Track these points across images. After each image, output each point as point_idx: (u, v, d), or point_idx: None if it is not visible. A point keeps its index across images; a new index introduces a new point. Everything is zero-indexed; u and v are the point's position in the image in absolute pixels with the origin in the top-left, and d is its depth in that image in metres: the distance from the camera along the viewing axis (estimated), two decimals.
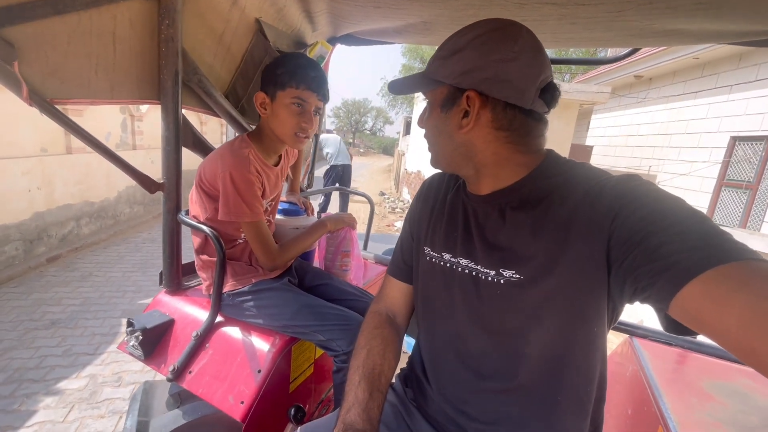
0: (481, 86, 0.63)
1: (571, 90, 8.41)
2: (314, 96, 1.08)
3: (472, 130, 0.66)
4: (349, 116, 52.28)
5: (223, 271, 1.07)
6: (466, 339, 0.72)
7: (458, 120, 0.66)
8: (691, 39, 1.13)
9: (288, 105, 1.06)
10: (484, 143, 0.66)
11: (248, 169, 1.04)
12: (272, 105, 1.08)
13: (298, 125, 1.08)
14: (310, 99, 1.08)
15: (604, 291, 0.58)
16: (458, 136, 0.67)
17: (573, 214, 0.59)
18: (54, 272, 4.61)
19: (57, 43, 0.84)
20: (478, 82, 0.63)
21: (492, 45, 0.62)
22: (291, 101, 1.06)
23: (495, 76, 0.61)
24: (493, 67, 0.61)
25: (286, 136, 1.10)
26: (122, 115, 6.43)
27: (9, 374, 2.81)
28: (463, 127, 0.66)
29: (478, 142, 0.67)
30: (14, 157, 4.51)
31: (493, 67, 0.61)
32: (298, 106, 1.07)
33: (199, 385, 1.03)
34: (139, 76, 1.04)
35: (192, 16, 1.09)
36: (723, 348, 0.44)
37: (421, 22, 1.22)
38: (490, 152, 0.67)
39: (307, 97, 1.07)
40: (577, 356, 0.64)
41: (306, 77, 1.05)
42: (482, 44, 0.62)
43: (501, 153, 0.67)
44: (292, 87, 1.05)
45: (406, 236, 0.87)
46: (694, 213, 0.50)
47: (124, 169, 1.10)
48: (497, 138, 0.66)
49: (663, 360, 1.20)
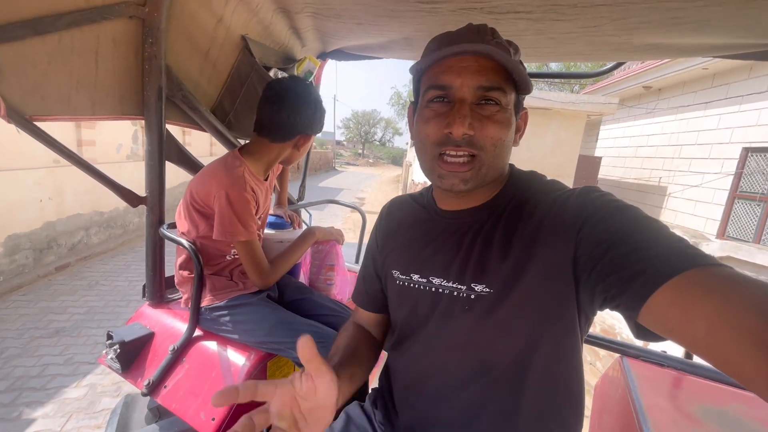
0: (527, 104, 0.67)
1: (578, 101, 8.37)
2: None
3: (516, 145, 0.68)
4: (359, 127, 52.83)
5: (200, 285, 1.07)
6: (434, 356, 0.70)
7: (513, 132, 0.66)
8: (672, 53, 1.11)
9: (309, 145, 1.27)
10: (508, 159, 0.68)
11: (244, 188, 1.06)
12: (305, 144, 1.24)
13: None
14: None
15: (573, 301, 0.58)
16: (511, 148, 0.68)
17: (540, 226, 0.60)
18: (62, 281, 4.70)
19: (37, 61, 0.86)
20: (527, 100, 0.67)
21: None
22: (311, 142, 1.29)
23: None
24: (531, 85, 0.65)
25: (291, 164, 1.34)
26: (133, 127, 6.60)
27: (11, 382, 2.85)
28: (516, 142, 0.67)
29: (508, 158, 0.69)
30: (27, 168, 4.66)
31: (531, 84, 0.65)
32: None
33: (173, 400, 1.02)
34: (122, 92, 1.06)
35: (177, 34, 1.11)
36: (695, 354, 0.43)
37: (402, 38, 1.23)
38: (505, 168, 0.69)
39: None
40: (545, 368, 0.63)
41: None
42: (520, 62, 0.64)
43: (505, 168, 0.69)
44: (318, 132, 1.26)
45: (368, 264, 0.86)
46: (653, 221, 0.52)
47: (105, 183, 1.12)
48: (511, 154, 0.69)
49: (653, 382, 1.15)
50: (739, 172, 5.92)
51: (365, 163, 40.13)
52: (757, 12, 0.77)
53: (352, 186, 17.78)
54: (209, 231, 1.07)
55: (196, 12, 1.11)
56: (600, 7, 0.86)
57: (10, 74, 0.83)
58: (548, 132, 8.68)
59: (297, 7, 1.19)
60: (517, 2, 0.92)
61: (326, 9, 1.16)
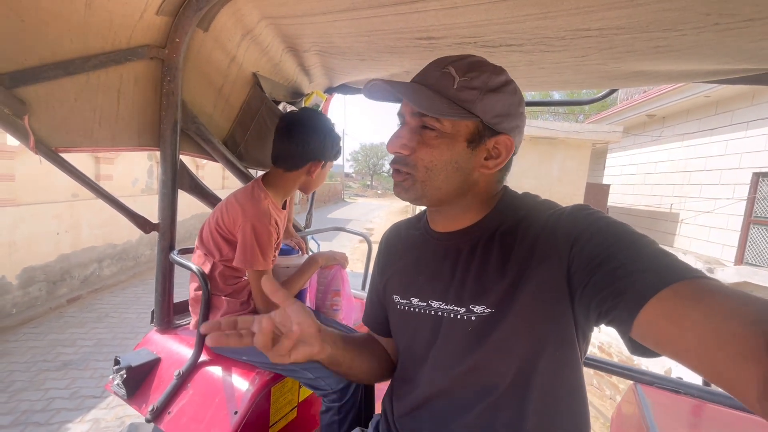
0: (512, 133, 0.65)
1: (582, 130, 8.50)
2: None
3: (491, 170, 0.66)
4: (367, 159, 53.86)
5: (207, 307, 1.09)
6: (434, 379, 0.70)
7: (481, 159, 0.65)
8: (662, 79, 1.16)
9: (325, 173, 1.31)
10: (488, 183, 0.69)
11: (270, 221, 1.10)
12: (321, 171, 1.27)
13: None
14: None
15: (570, 318, 0.59)
16: (474, 174, 0.66)
17: (535, 244, 0.61)
18: (72, 313, 4.74)
19: (65, 99, 0.94)
20: (510, 128, 0.65)
21: (520, 96, 0.67)
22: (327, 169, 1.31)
23: (518, 126, 0.66)
24: (520, 118, 0.67)
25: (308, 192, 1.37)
26: (149, 162, 6.86)
27: (16, 416, 2.82)
28: (488, 168, 0.65)
29: (484, 182, 0.68)
30: (47, 202, 4.83)
31: (520, 118, 0.67)
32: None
33: (176, 427, 1.01)
34: (140, 125, 1.14)
35: (193, 72, 1.20)
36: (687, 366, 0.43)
37: (404, 71, 1.31)
38: (487, 191, 0.69)
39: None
40: (544, 387, 0.62)
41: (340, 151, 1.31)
42: (515, 92, 0.65)
43: (492, 191, 0.70)
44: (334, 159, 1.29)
45: (373, 292, 0.88)
46: (642, 236, 0.53)
47: (121, 211, 1.17)
48: (499, 179, 0.70)
49: (668, 408, 1.11)
50: (752, 197, 5.83)
51: (373, 194, 40.54)
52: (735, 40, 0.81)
53: (360, 217, 17.90)
54: (231, 255, 1.11)
55: (211, 52, 1.20)
56: (586, 39, 0.92)
57: (40, 110, 0.90)
58: (554, 161, 8.76)
59: (305, 46, 1.28)
60: (508, 36, 0.98)
61: (332, 47, 1.25)
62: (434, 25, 0.97)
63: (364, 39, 1.12)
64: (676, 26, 0.79)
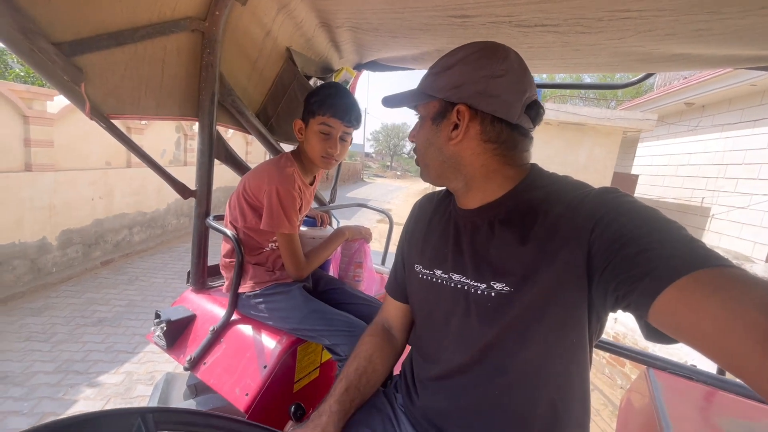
0: (470, 100, 0.66)
1: (613, 117, 8.17)
2: (340, 123, 1.16)
3: (462, 143, 0.69)
4: (388, 140, 53.40)
5: (240, 272, 1.16)
6: (452, 352, 0.73)
7: (448, 132, 0.70)
8: (701, 64, 1.12)
9: (316, 131, 1.16)
10: (472, 155, 0.70)
11: (293, 186, 1.14)
12: (306, 131, 1.19)
13: (324, 150, 1.18)
14: (336, 125, 1.16)
15: (585, 301, 0.59)
16: (447, 148, 0.71)
17: (556, 225, 0.61)
18: (106, 275, 5.03)
19: (116, 68, 1.00)
20: (468, 96, 0.66)
21: (482, 62, 0.66)
22: (319, 128, 1.16)
23: (484, 91, 0.65)
24: (483, 82, 0.65)
25: (316, 159, 1.20)
26: (177, 134, 7.05)
27: (58, 365, 3.08)
28: (453, 139, 0.69)
29: (467, 155, 0.70)
30: (83, 169, 5.07)
31: (482, 82, 0.65)
32: (325, 132, 1.16)
33: (211, 376, 1.11)
34: (181, 96, 1.19)
35: (230, 45, 1.24)
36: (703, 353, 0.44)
37: (435, 49, 1.31)
38: (478, 164, 0.70)
39: (332, 124, 1.15)
40: (557, 369, 0.64)
41: (332, 106, 1.14)
42: (473, 61, 0.67)
43: (489, 165, 0.70)
44: (320, 115, 1.15)
45: (399, 257, 0.91)
46: (670, 222, 0.52)
47: (163, 176, 1.25)
48: (485, 150, 0.69)
49: (680, 395, 1.13)
50: None
51: (393, 175, 40.37)
52: None
53: (379, 197, 17.95)
54: (255, 222, 1.17)
55: (248, 26, 1.23)
56: (625, 20, 0.90)
57: (94, 78, 0.96)
58: (582, 148, 8.49)
59: (338, 21, 1.30)
60: (544, 16, 0.97)
61: (365, 23, 1.26)
62: (469, 2, 0.97)
63: (398, 16, 1.12)
64: (720, 9, 0.77)
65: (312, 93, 1.19)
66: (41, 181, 4.46)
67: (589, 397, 0.69)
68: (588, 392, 0.69)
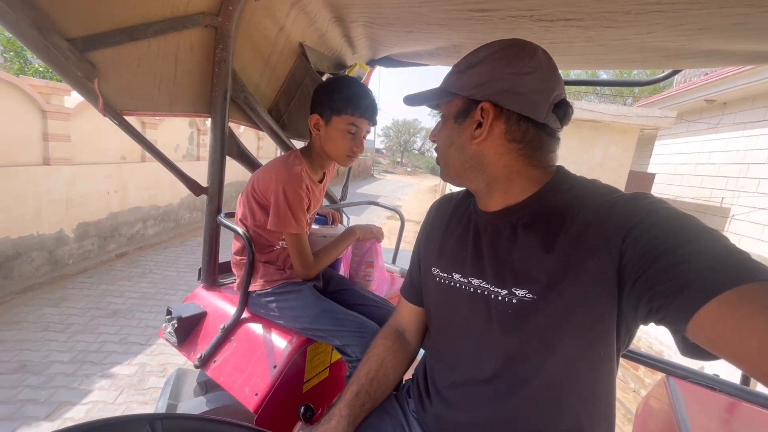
0: (495, 98, 0.64)
1: (630, 114, 7.98)
2: (366, 123, 1.17)
3: (485, 142, 0.66)
4: (399, 136, 53.22)
5: (251, 270, 1.16)
6: (470, 361, 0.71)
7: (471, 131, 0.67)
8: (734, 60, 1.06)
9: (343, 130, 1.14)
10: (496, 155, 0.67)
11: (300, 185, 1.13)
12: (326, 127, 1.15)
13: (350, 148, 1.17)
14: (363, 125, 1.16)
15: (614, 312, 0.56)
16: (470, 147, 0.68)
17: (585, 232, 0.58)
18: (120, 267, 5.13)
19: (129, 64, 1.00)
20: (492, 93, 0.64)
21: (508, 59, 0.64)
22: (346, 127, 1.13)
23: (510, 88, 0.63)
24: (509, 79, 0.63)
25: (338, 157, 1.19)
26: (190, 129, 7.12)
27: (74, 355, 3.15)
28: (476, 137, 0.66)
29: (490, 154, 0.67)
30: (99, 163, 5.16)
31: (508, 79, 0.63)
32: (352, 132, 1.15)
33: (221, 374, 1.11)
34: (194, 92, 1.18)
35: (243, 41, 1.23)
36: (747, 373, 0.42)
37: (451, 45, 1.27)
38: (501, 165, 0.67)
39: (360, 124, 1.15)
40: (582, 383, 0.62)
41: (361, 106, 1.13)
42: (499, 59, 0.64)
43: (513, 166, 0.67)
44: (348, 114, 1.12)
45: (415, 259, 0.89)
46: (710, 231, 0.49)
47: (176, 173, 1.24)
48: (510, 150, 0.66)
49: (702, 405, 1.09)
50: None
51: (403, 171, 40.27)
52: None
53: (389, 194, 17.93)
54: (264, 221, 1.16)
55: (261, 21, 1.22)
56: (656, 14, 0.85)
57: (107, 74, 0.96)
58: (597, 146, 8.32)
59: (352, 16, 1.27)
60: (567, 10, 0.93)
61: (380, 18, 1.23)
62: None
63: (414, 10, 1.09)
64: (761, 1, 0.72)
65: (332, 89, 1.15)
66: (59, 175, 4.55)
67: (614, 414, 0.66)
68: (614, 409, 0.66)
